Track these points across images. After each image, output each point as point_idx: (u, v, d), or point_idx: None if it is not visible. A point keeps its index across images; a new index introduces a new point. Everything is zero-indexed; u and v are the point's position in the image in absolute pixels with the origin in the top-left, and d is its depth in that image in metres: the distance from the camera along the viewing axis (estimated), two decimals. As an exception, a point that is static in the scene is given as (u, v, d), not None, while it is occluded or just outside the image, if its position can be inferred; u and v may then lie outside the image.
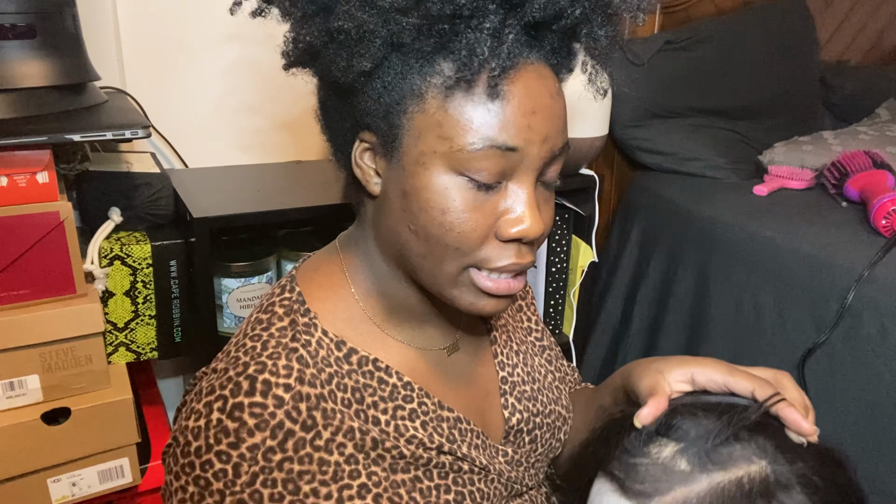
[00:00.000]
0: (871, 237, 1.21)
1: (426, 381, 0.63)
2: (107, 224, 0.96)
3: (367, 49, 0.51)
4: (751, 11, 1.78)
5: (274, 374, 0.55)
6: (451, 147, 0.52)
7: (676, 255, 1.48)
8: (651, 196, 1.61)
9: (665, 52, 1.61)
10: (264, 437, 0.52)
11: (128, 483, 0.95)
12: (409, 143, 0.53)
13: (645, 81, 1.59)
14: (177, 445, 0.54)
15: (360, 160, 0.58)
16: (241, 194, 1.09)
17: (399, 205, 0.55)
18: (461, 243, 0.53)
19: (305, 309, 0.60)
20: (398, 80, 0.53)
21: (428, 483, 0.59)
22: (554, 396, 0.74)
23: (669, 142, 1.63)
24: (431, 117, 0.52)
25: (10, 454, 0.84)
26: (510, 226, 0.54)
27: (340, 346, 0.60)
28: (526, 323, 0.79)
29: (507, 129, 0.51)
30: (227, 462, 0.52)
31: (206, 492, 0.52)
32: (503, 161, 0.52)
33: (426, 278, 0.57)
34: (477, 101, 0.51)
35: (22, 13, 0.80)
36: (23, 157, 0.79)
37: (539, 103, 0.52)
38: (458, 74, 0.51)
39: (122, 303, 0.96)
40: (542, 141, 0.53)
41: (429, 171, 0.53)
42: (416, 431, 0.59)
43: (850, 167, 1.37)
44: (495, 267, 0.55)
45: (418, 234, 0.54)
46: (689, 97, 1.65)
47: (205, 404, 0.54)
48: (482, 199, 0.53)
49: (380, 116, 0.54)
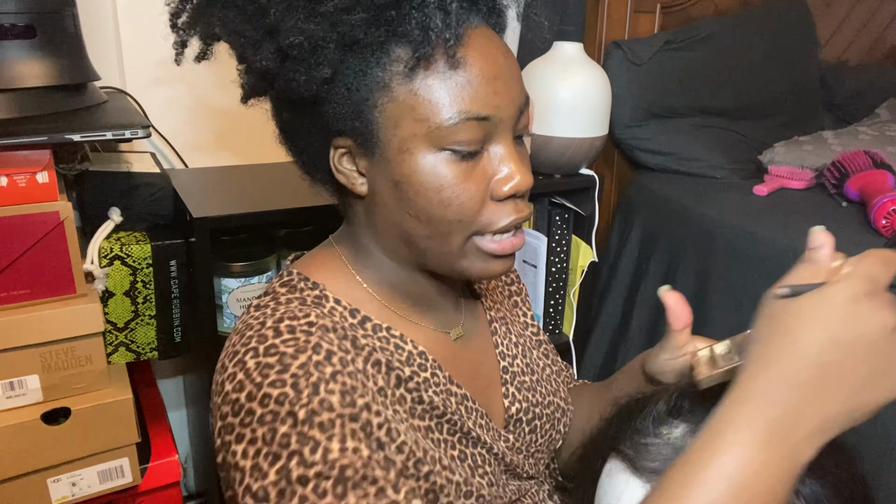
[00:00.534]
0: (871, 237, 1.21)
1: (437, 357, 0.64)
2: (107, 224, 0.96)
3: (322, 57, 0.52)
4: (751, 11, 1.78)
5: (293, 318, 0.54)
6: (430, 126, 0.53)
7: (676, 255, 1.48)
8: (651, 196, 1.61)
9: (665, 52, 1.61)
10: (308, 355, 0.51)
11: (128, 483, 0.95)
12: (388, 134, 0.54)
13: (645, 81, 1.59)
14: (224, 419, 0.51)
15: (340, 166, 0.58)
16: (241, 194, 1.09)
17: (392, 196, 0.56)
18: (462, 214, 0.55)
19: (313, 283, 0.61)
20: (360, 78, 0.54)
21: (438, 435, 0.61)
22: (553, 388, 0.75)
23: (669, 142, 1.63)
24: (402, 104, 0.53)
25: (10, 454, 0.84)
26: (503, 184, 0.56)
27: (354, 314, 0.60)
28: (522, 318, 0.80)
29: (477, 100, 0.53)
30: (283, 385, 0.50)
31: (276, 423, 0.48)
32: (480, 130, 0.54)
33: (434, 258, 0.58)
34: (441, 75, 0.53)
35: (22, 13, 0.80)
36: (23, 157, 0.79)
37: (497, 67, 0.55)
38: (416, 54, 0.52)
39: (122, 303, 0.96)
40: (509, 103, 0.56)
41: (414, 156, 0.54)
42: (431, 394, 0.60)
43: (850, 167, 1.37)
44: (499, 228, 0.57)
45: (420, 218, 0.56)
46: (689, 97, 1.65)
47: (235, 363, 0.52)
48: (470, 167, 0.55)
49: (351, 118, 0.55)
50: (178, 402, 1.36)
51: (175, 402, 1.35)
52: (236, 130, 1.26)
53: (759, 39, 1.74)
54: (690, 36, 1.64)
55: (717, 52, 1.67)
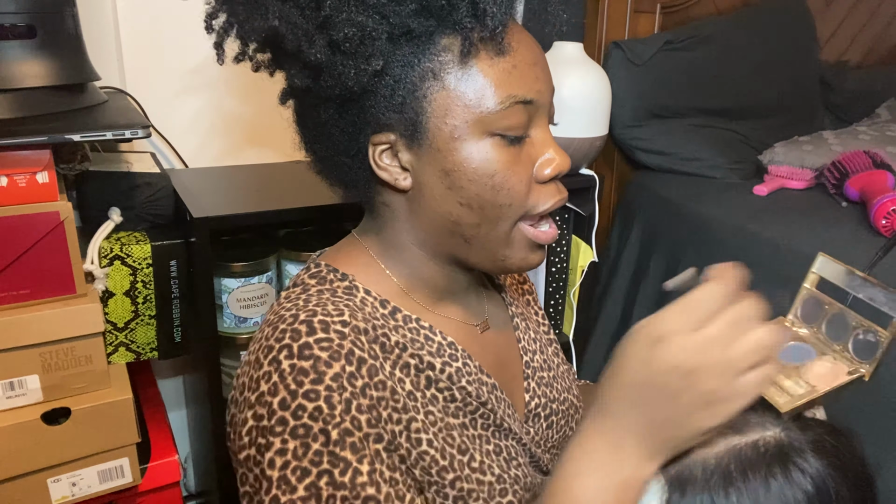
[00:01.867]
0: (871, 237, 1.21)
1: (466, 348, 0.65)
2: (107, 224, 0.96)
3: (374, 48, 0.53)
4: (751, 11, 1.78)
5: (326, 314, 0.55)
6: (481, 111, 0.55)
7: (676, 255, 1.48)
8: (651, 196, 1.61)
9: (665, 52, 1.61)
10: (342, 364, 0.52)
11: (128, 483, 0.95)
12: (437, 123, 0.55)
13: (645, 81, 1.59)
14: (258, 420, 0.52)
15: (381, 162, 0.58)
16: (241, 194, 1.09)
17: (442, 185, 0.57)
18: (513, 198, 0.57)
19: (342, 274, 0.61)
20: (409, 69, 0.55)
21: (473, 431, 0.61)
22: (566, 385, 0.76)
23: (669, 142, 1.63)
24: (453, 91, 0.55)
25: (10, 454, 0.84)
26: (545, 167, 0.58)
27: (385, 304, 0.61)
28: (535, 316, 0.81)
29: (523, 84, 0.55)
30: (318, 398, 0.50)
31: (308, 439, 0.50)
32: (524, 114, 0.56)
33: (477, 247, 0.59)
34: (490, 61, 0.54)
35: (22, 13, 0.80)
36: (23, 157, 0.79)
37: (535, 52, 0.57)
38: (468, 41, 0.53)
39: (122, 303, 0.96)
40: (547, 88, 0.58)
41: (466, 143, 0.55)
42: (464, 384, 0.61)
43: (850, 167, 1.37)
44: (544, 210, 0.59)
45: (471, 206, 0.57)
46: (689, 97, 1.65)
47: (270, 362, 0.53)
48: (516, 152, 0.57)
49: (397, 110, 0.56)
50: (178, 402, 1.36)
51: (175, 402, 1.35)
52: (236, 130, 1.26)
53: (759, 39, 1.74)
54: (690, 36, 1.64)
55: (717, 52, 1.67)
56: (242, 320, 1.07)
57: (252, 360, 0.55)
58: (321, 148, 0.63)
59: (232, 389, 0.58)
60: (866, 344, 0.53)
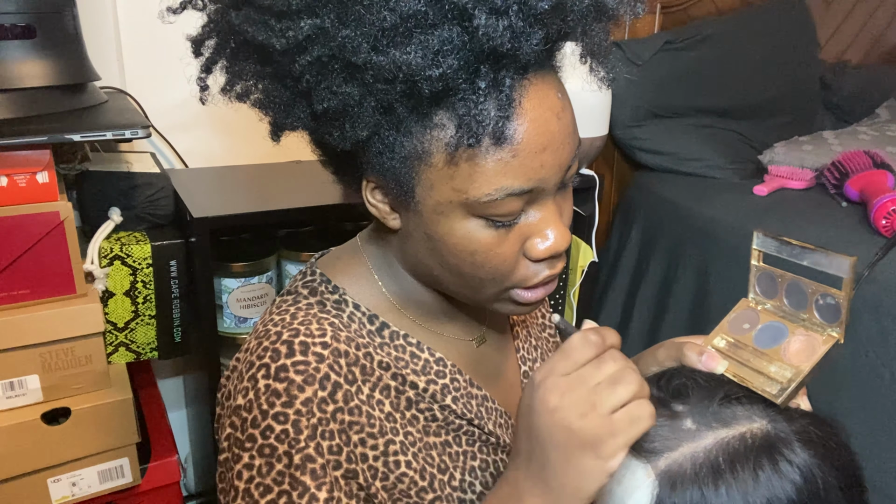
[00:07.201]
0: (871, 237, 1.21)
1: (458, 363, 0.64)
2: (107, 224, 0.96)
3: (358, 120, 0.49)
4: (751, 11, 1.78)
5: (308, 335, 0.55)
6: (468, 198, 0.50)
7: (676, 255, 1.48)
8: (651, 196, 1.61)
9: (665, 52, 1.61)
10: (315, 389, 0.53)
11: (128, 483, 0.95)
12: (423, 193, 0.52)
13: (645, 81, 1.59)
14: (234, 430, 0.54)
15: (372, 198, 0.57)
16: (240, 194, 1.09)
17: (425, 244, 0.55)
18: (495, 275, 0.54)
19: (333, 286, 0.61)
20: (399, 141, 0.51)
21: (457, 448, 0.61)
22: None
23: (669, 142, 1.63)
24: (441, 171, 0.50)
25: (10, 454, 0.84)
26: (539, 245, 0.53)
27: (373, 320, 0.60)
28: (541, 319, 0.80)
29: (521, 174, 0.49)
30: (286, 422, 0.51)
31: (273, 459, 0.51)
32: (521, 201, 0.51)
33: (464, 299, 0.59)
34: (485, 150, 0.48)
35: (22, 13, 0.80)
36: (23, 157, 0.79)
37: (548, 135, 0.50)
38: (459, 134, 0.48)
39: (122, 303, 0.96)
40: (556, 172, 0.51)
41: (449, 219, 0.52)
42: (448, 402, 0.61)
43: (850, 167, 1.37)
44: (533, 284, 0.55)
45: (451, 271, 0.55)
46: (689, 97, 1.65)
47: (248, 378, 0.54)
48: (505, 232, 0.52)
49: (384, 173, 0.53)
50: (178, 402, 1.36)
51: (175, 402, 1.35)
52: (236, 130, 1.26)
53: (759, 39, 1.74)
54: (690, 36, 1.64)
55: (717, 52, 1.67)
56: (242, 320, 1.07)
57: (238, 368, 0.56)
58: (327, 163, 0.63)
59: (222, 387, 0.59)
60: (828, 307, 0.54)
